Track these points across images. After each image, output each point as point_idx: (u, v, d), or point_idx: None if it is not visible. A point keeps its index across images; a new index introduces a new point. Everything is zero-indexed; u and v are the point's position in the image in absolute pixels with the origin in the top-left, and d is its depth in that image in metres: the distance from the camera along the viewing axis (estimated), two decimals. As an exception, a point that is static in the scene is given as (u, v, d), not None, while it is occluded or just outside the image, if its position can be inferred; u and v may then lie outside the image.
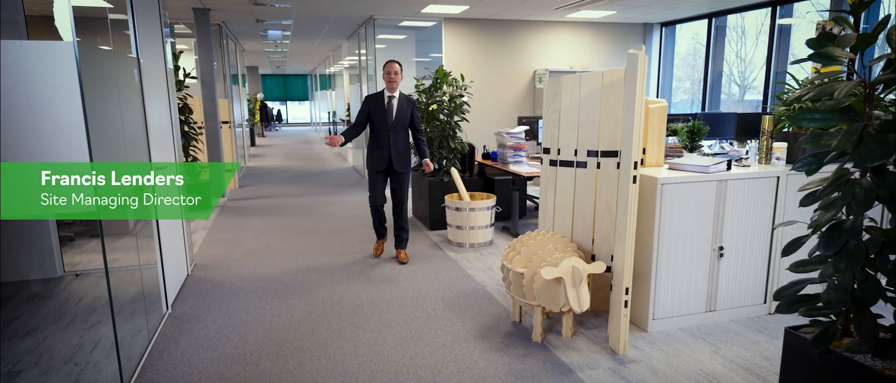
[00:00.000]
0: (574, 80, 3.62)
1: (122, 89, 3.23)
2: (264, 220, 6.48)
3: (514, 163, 5.59)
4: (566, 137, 3.70)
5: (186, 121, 6.91)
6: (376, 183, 4.71)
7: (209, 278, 4.53)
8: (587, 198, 3.68)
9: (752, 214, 3.53)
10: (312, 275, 4.54)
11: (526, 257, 3.38)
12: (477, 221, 5.26)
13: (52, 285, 4.48)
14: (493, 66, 8.51)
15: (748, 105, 9.45)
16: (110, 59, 3.16)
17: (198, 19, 7.17)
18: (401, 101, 4.60)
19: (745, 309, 3.65)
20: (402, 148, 4.64)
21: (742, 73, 9.35)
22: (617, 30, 8.84)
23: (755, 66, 9.11)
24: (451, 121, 5.79)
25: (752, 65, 9.10)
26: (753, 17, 8.33)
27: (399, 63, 4.56)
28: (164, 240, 3.94)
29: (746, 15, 7.95)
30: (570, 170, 3.73)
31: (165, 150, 4.14)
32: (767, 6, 6.96)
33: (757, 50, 9.37)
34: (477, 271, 4.62)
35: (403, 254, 4.87)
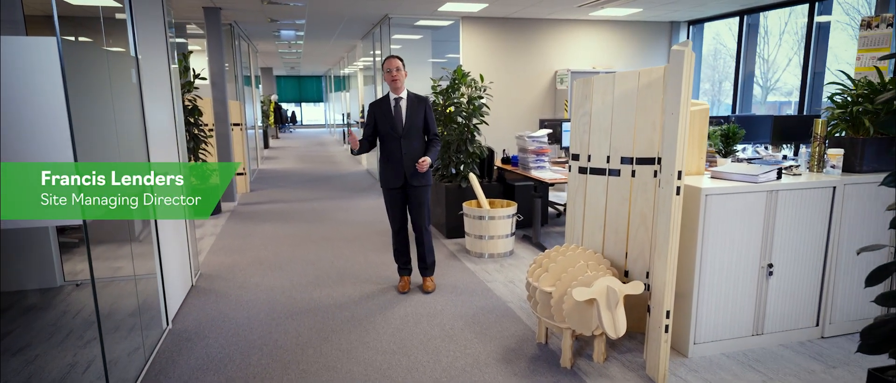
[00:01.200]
0: (607, 80, 3.31)
1: (117, 88, 2.99)
2: (275, 227, 6.23)
3: (536, 169, 5.29)
4: (597, 143, 3.39)
5: (196, 123, 6.70)
6: (394, 204, 4.05)
7: (214, 289, 4.29)
8: (620, 209, 3.37)
9: (805, 228, 3.19)
10: (322, 288, 4.27)
11: (554, 275, 3.08)
12: (497, 230, 4.96)
13: (51, 296, 4.26)
14: (512, 67, 8.20)
15: (770, 106, 9.05)
16: (102, 57, 2.91)
17: (208, 19, 6.96)
18: (410, 102, 3.94)
19: (796, 333, 3.32)
20: (418, 156, 3.93)
21: (765, 73, 8.95)
22: (641, 28, 8.49)
23: (779, 66, 8.71)
24: (469, 124, 5.50)
25: (776, 65, 8.70)
26: (776, 15, 7.95)
27: (400, 58, 3.92)
28: (166, 248, 3.70)
29: (769, 14, 7.58)
30: (601, 178, 3.42)
31: (168, 152, 3.90)
32: (805, 2, 6.57)
33: (780, 50, 8.97)
34: (497, 284, 4.32)
35: (430, 282, 4.21)
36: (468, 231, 5.11)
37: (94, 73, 2.76)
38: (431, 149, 4.01)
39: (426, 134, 4.04)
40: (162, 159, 3.72)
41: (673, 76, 2.72)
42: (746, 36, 7.44)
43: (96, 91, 2.76)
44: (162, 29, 3.94)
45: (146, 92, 3.44)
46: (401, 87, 3.94)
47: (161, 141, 3.73)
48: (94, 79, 2.75)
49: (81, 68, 2.57)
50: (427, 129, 4.03)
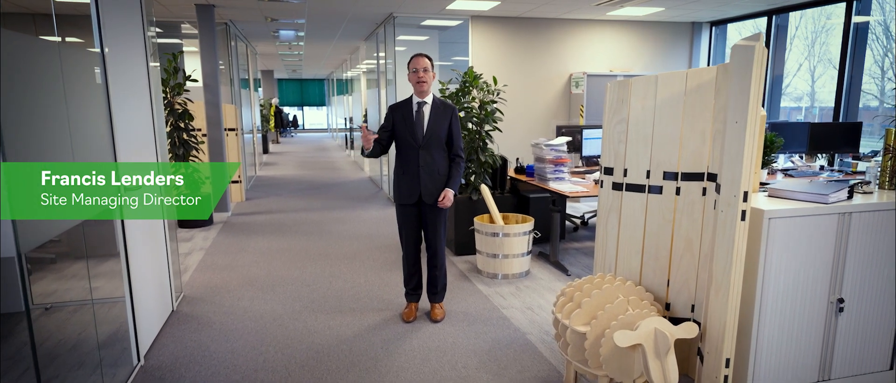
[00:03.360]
0: (648, 82, 2.85)
1: (72, 85, 2.55)
2: (269, 241, 5.78)
3: (554, 180, 4.82)
4: (636, 155, 2.93)
5: (186, 128, 6.26)
6: (408, 222, 3.59)
7: (197, 316, 3.83)
8: (662, 232, 2.91)
9: (881, 257, 2.72)
10: (318, 315, 3.81)
11: (588, 312, 2.61)
12: (512, 249, 4.49)
13: (14, 322, 3.80)
14: (524, 70, 7.74)
15: (782, 112, 8.58)
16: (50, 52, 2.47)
17: (201, 17, 6.53)
18: (435, 109, 3.50)
19: (868, 378, 2.84)
20: (437, 172, 3.49)
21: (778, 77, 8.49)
22: (662, 29, 8.02)
23: (788, 71, 8.24)
24: (480, 131, 5.04)
25: (786, 70, 8.23)
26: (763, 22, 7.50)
27: (429, 57, 3.48)
28: (137, 265, 3.25)
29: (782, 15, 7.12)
30: (639, 196, 2.95)
31: (144, 157, 3.46)
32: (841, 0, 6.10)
33: (791, 54, 8.51)
34: (514, 311, 3.86)
35: (439, 309, 3.76)
36: (480, 248, 4.65)
37: (40, 68, 2.32)
38: (454, 173, 3.54)
39: (449, 148, 3.56)
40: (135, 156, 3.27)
41: (739, 76, 2.26)
42: (775, 38, 6.97)
43: (41, 87, 2.32)
44: (139, 23, 3.50)
45: (117, 91, 3.00)
46: (427, 90, 3.49)
47: (135, 144, 3.28)
48: (39, 74, 2.31)
49: (20, 63, 2.13)
50: (451, 143, 3.55)
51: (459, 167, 3.55)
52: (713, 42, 8.05)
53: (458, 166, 3.55)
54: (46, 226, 2.41)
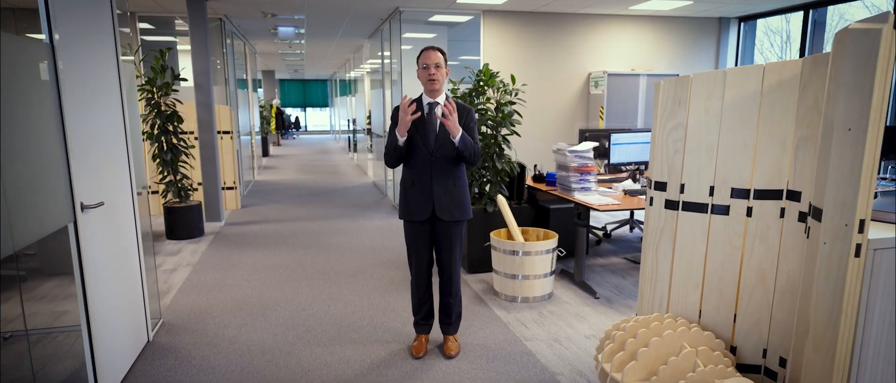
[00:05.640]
0: (713, 80, 2.34)
1: (7, 82, 2.05)
2: (263, 255, 5.28)
3: (580, 191, 4.31)
4: (696, 167, 2.42)
5: (175, 131, 5.77)
6: (417, 241, 3.07)
7: (176, 348, 3.33)
8: (728, 260, 2.40)
9: None
10: (314, 348, 3.31)
11: (646, 365, 2.10)
12: (534, 269, 3.98)
13: (-36, 357, 3.32)
14: (539, 68, 7.22)
15: None
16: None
17: (192, 11, 6.03)
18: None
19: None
20: (452, 183, 3.00)
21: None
22: (686, 25, 7.49)
23: None
24: (497, 135, 4.54)
25: None
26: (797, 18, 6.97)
27: (441, 51, 2.96)
28: (103, 288, 2.76)
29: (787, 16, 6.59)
30: (700, 217, 2.44)
31: (112, 164, 2.96)
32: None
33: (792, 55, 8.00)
34: (539, 344, 3.35)
35: (453, 342, 3.23)
36: (497, 268, 4.14)
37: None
38: (470, 140, 2.94)
39: None
40: (97, 171, 2.78)
41: (854, 70, 1.74)
42: (811, 34, 6.44)
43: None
44: (107, 10, 3.01)
45: (73, 89, 2.51)
46: (439, 88, 2.98)
47: (99, 150, 2.79)
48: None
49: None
50: None
51: (476, 145, 2.97)
52: (741, 39, 7.52)
53: (475, 145, 2.96)
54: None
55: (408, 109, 2.79)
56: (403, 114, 2.80)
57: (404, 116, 2.80)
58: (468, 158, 2.95)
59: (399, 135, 2.88)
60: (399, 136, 2.88)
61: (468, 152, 2.92)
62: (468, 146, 2.91)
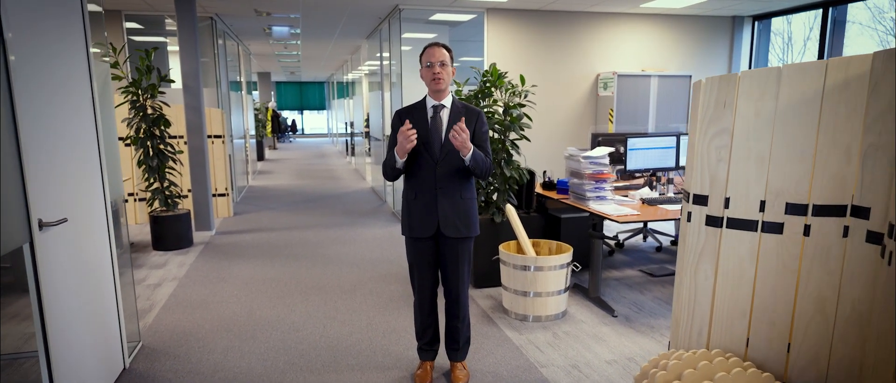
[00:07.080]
0: (766, 78, 2.04)
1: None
2: (255, 268, 4.95)
3: (595, 200, 4.00)
4: (744, 179, 2.12)
5: (162, 135, 5.45)
6: (421, 260, 2.77)
7: (155, 376, 3.01)
8: (782, 285, 2.10)
9: None
10: (307, 375, 2.99)
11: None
12: (547, 285, 3.67)
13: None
14: (546, 69, 6.92)
15: None
16: None
17: (180, 9, 5.71)
18: (455, 115, 2.67)
19: None
20: (460, 196, 2.69)
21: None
22: (699, 24, 7.20)
23: None
24: (505, 140, 4.23)
25: None
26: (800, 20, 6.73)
27: (447, 47, 2.65)
28: (66, 308, 2.44)
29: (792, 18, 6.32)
30: (748, 235, 2.14)
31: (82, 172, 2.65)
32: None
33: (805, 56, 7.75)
34: (556, 371, 3.03)
35: (461, 370, 2.93)
36: (506, 283, 3.83)
37: None
38: (481, 155, 2.66)
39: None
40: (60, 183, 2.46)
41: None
42: (831, 33, 6.15)
43: None
44: (75, 6, 2.70)
45: (31, 91, 2.20)
46: (445, 89, 2.66)
47: (62, 160, 2.47)
48: None
49: None
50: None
51: (488, 159, 2.68)
52: (756, 38, 7.23)
53: (487, 159, 2.68)
54: None
55: (408, 135, 2.48)
56: (403, 140, 2.50)
57: (404, 143, 2.51)
58: (479, 175, 2.65)
59: (398, 157, 2.58)
60: (398, 158, 2.58)
61: (480, 170, 2.62)
62: (480, 163, 2.61)
